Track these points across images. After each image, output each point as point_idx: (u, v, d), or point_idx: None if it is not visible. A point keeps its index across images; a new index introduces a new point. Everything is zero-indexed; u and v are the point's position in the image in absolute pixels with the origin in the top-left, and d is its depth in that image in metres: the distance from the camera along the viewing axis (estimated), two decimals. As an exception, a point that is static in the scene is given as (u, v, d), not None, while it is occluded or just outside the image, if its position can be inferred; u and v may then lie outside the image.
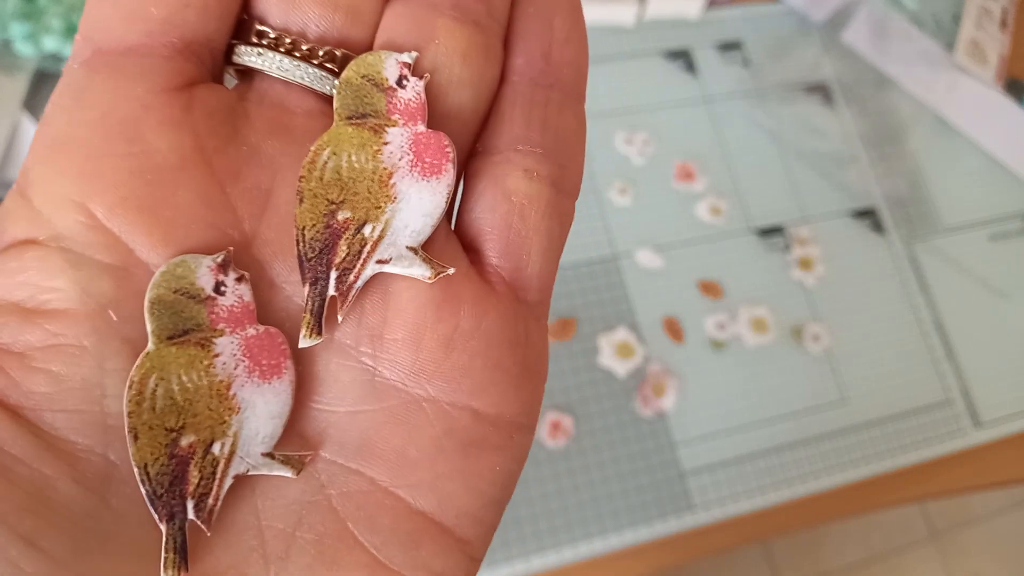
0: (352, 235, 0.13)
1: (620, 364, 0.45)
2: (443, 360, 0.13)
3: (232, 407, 0.12)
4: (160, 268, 0.12)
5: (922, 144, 0.55)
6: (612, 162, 0.50)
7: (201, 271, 0.12)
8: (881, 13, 0.56)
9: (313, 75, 0.13)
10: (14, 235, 0.12)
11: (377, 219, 0.13)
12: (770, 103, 0.53)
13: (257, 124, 0.13)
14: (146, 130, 0.12)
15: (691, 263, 0.48)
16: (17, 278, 0.12)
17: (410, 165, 0.13)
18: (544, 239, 0.14)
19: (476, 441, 0.13)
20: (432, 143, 0.13)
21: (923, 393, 0.49)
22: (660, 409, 0.45)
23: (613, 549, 0.42)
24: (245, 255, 0.12)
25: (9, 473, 0.11)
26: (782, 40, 0.56)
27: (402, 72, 0.13)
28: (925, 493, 0.47)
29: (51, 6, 0.39)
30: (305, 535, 0.12)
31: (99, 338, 0.11)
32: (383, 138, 0.13)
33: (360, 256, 0.13)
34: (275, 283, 0.13)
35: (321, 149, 0.13)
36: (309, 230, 0.12)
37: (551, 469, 0.43)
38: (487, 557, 0.41)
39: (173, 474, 0.12)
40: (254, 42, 0.13)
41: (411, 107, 0.13)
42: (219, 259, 0.12)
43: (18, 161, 0.39)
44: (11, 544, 0.10)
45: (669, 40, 0.54)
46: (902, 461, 0.47)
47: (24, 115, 0.39)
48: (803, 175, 0.52)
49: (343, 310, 0.13)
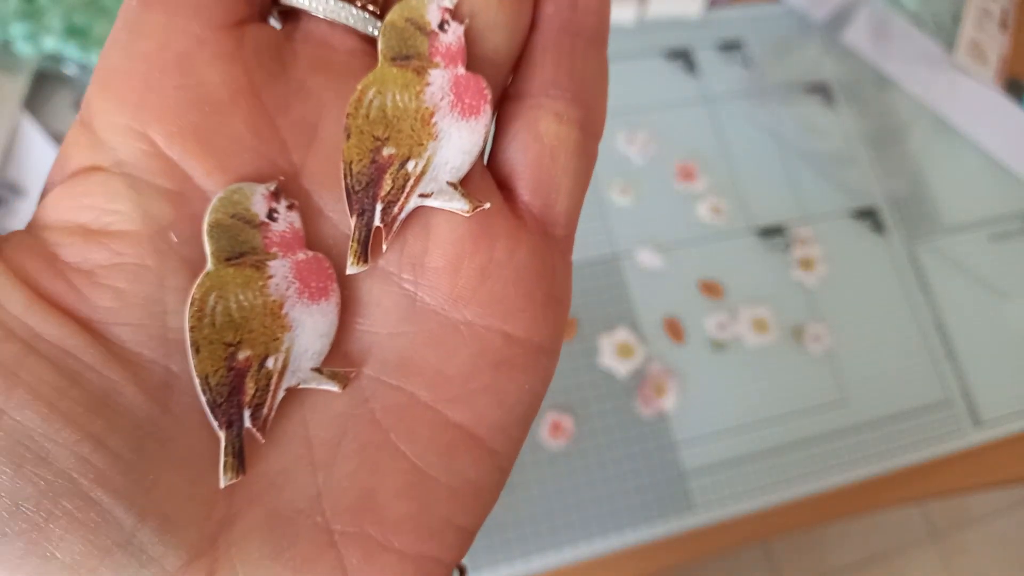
0: (396, 170, 0.13)
1: (620, 364, 0.45)
2: (479, 287, 0.14)
3: (284, 325, 0.13)
4: (217, 194, 0.13)
5: (922, 144, 0.55)
6: (613, 162, 0.50)
7: (256, 198, 0.13)
8: (881, 13, 0.56)
9: (357, 16, 0.14)
10: (79, 162, 0.13)
11: (420, 155, 0.14)
12: (771, 103, 0.53)
13: (304, 61, 0.14)
14: (200, 63, 0.13)
15: (692, 263, 0.48)
16: (83, 202, 0.12)
17: (451, 105, 0.14)
18: (572, 179, 0.15)
19: (506, 361, 0.14)
20: (471, 85, 0.14)
21: (923, 393, 0.49)
22: (660, 409, 0.45)
23: (613, 549, 0.42)
24: (294, 185, 0.13)
25: (79, 378, 0.12)
26: (783, 40, 0.56)
27: (443, 16, 0.14)
28: (925, 493, 0.47)
29: (51, 6, 0.39)
30: (350, 444, 0.13)
31: (160, 258, 0.12)
32: (425, 79, 0.14)
33: (404, 190, 0.13)
34: (323, 212, 0.14)
35: (367, 88, 0.13)
36: (356, 164, 0.13)
37: (551, 469, 0.43)
38: (487, 557, 0.41)
39: (231, 385, 0.13)
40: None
41: (452, 50, 0.14)
42: (272, 187, 0.13)
43: (18, 161, 0.39)
44: (82, 441, 0.11)
45: (669, 40, 0.54)
46: (902, 461, 0.47)
47: (24, 115, 0.39)
48: (804, 175, 0.52)
49: (387, 240, 0.13)
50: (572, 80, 0.15)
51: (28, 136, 0.39)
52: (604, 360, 0.45)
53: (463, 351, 0.14)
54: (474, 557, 0.41)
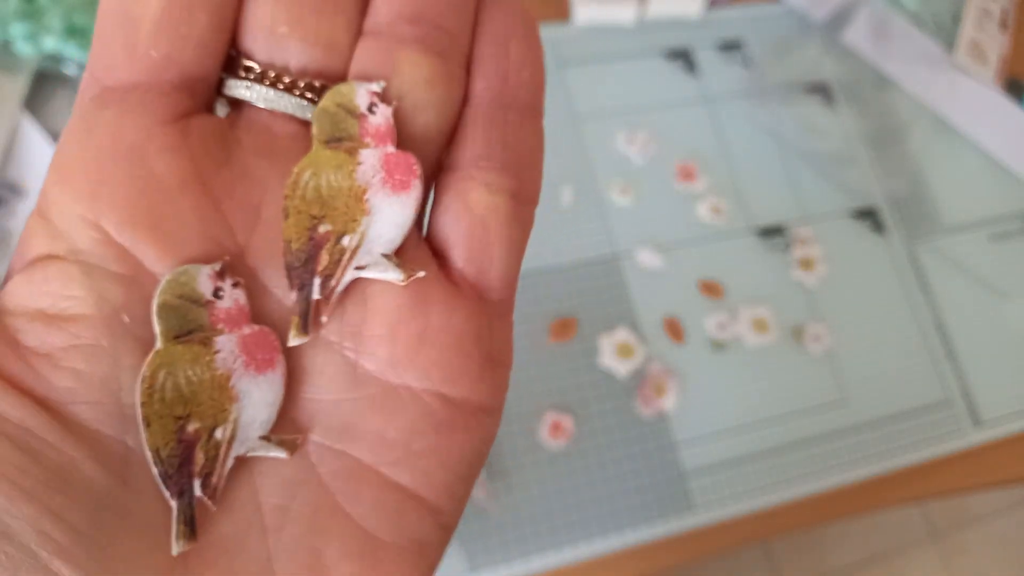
0: (333, 245, 0.14)
1: (620, 364, 0.45)
2: (417, 352, 0.14)
3: (232, 397, 0.14)
4: (165, 276, 0.13)
5: (922, 144, 0.55)
6: (613, 162, 0.50)
7: (201, 278, 0.14)
8: (881, 13, 0.56)
9: (295, 104, 0.15)
10: (38, 251, 0.14)
11: (354, 231, 0.15)
12: (771, 103, 0.53)
13: (247, 147, 0.15)
14: (149, 155, 0.14)
15: (692, 263, 0.48)
16: (42, 288, 0.13)
17: (381, 182, 0.15)
18: (504, 245, 0.15)
19: (447, 423, 0.15)
20: (401, 162, 0.15)
21: (923, 393, 0.49)
22: (660, 409, 0.45)
23: (613, 549, 0.42)
24: (240, 264, 0.14)
25: (40, 456, 0.12)
26: (782, 40, 0.56)
27: (372, 100, 0.15)
28: (925, 493, 0.47)
29: (51, 6, 0.39)
30: (299, 508, 0.14)
31: (114, 339, 0.13)
32: (357, 159, 0.15)
33: (340, 263, 0.14)
34: (267, 288, 0.14)
35: (303, 170, 0.14)
36: (295, 242, 0.14)
37: (551, 469, 0.43)
38: (487, 556, 0.41)
39: (182, 456, 0.13)
40: (242, 76, 0.15)
41: (381, 131, 0.15)
42: (217, 268, 0.14)
43: (18, 161, 0.39)
44: (42, 517, 0.12)
45: (669, 40, 0.54)
46: (902, 461, 0.47)
47: (24, 115, 0.39)
48: (804, 175, 0.52)
49: (327, 311, 0.14)
50: (504, 151, 0.16)
51: (28, 136, 0.39)
52: (604, 360, 0.45)
53: (404, 415, 0.14)
54: (474, 557, 0.41)
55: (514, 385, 0.44)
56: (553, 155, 0.49)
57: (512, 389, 0.47)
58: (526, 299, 0.46)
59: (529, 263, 0.46)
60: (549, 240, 0.47)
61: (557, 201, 0.48)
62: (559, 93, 0.51)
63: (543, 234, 0.47)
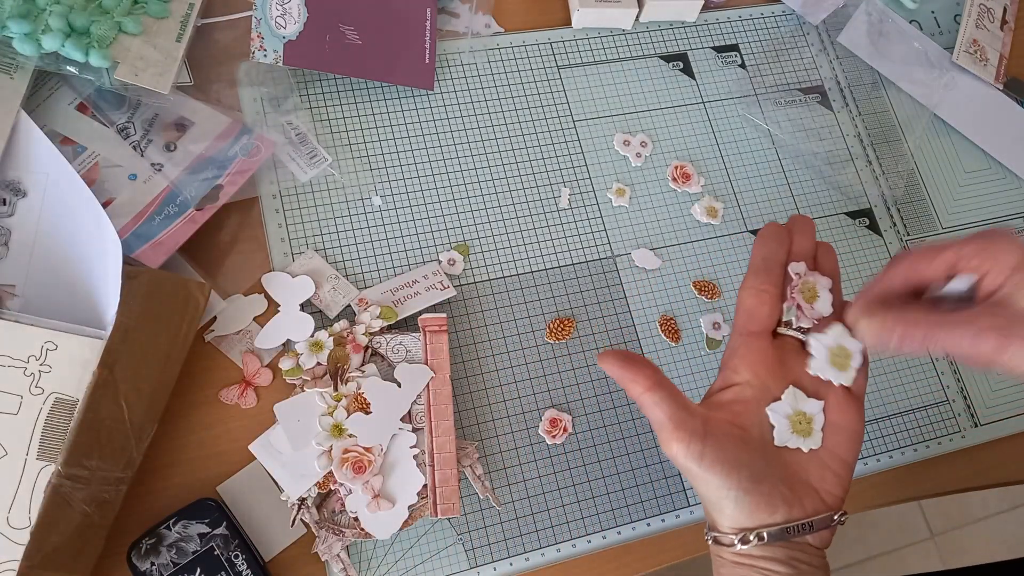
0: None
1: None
2: None
3: None
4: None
5: (920, 144, 0.55)
6: (610, 163, 0.50)
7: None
8: (879, 13, 0.56)
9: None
10: None
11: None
12: (767, 104, 0.53)
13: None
14: None
15: (687, 263, 0.48)
16: None
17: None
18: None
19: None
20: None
21: (923, 393, 0.49)
22: (657, 409, 0.45)
23: (612, 545, 0.42)
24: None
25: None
26: (779, 42, 0.56)
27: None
28: (924, 493, 0.47)
29: (51, 6, 0.39)
30: None
31: None
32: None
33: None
34: None
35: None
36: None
37: (550, 468, 0.43)
38: (487, 555, 0.41)
39: None
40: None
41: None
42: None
43: (18, 161, 0.39)
44: None
45: (667, 42, 0.54)
46: (901, 460, 0.47)
47: (24, 115, 0.39)
48: (800, 176, 0.52)
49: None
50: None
51: (28, 136, 0.39)
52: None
53: None
54: (473, 557, 0.41)
55: (513, 384, 0.44)
56: (551, 157, 0.49)
57: (511, 388, 0.47)
58: (524, 299, 0.46)
59: (527, 264, 0.47)
60: (547, 241, 0.47)
61: (555, 202, 0.48)
62: (557, 96, 0.51)
63: (541, 235, 0.47)
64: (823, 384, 0.34)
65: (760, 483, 0.31)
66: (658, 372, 0.33)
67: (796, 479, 0.32)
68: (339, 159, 0.46)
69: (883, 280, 0.33)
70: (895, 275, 0.33)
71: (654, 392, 0.32)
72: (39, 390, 0.34)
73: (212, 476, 0.40)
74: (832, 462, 0.33)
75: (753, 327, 0.34)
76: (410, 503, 0.39)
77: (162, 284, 0.37)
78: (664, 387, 0.32)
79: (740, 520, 0.31)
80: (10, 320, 0.35)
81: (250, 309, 0.42)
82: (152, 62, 0.41)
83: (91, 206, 0.37)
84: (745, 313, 0.35)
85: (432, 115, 0.49)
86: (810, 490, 0.32)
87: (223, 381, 0.41)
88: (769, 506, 0.31)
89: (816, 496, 0.32)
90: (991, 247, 0.31)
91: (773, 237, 0.36)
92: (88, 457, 0.34)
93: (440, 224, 0.46)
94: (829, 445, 0.33)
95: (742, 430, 0.32)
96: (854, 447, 0.33)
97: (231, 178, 0.42)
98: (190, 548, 0.37)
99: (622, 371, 0.33)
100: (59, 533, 0.34)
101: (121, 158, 0.42)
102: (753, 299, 0.34)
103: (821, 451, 0.33)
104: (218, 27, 0.46)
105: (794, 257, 0.36)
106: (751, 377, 0.33)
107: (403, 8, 0.48)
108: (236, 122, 0.43)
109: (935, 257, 0.32)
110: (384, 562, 0.40)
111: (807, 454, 0.33)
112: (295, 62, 0.44)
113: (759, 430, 0.33)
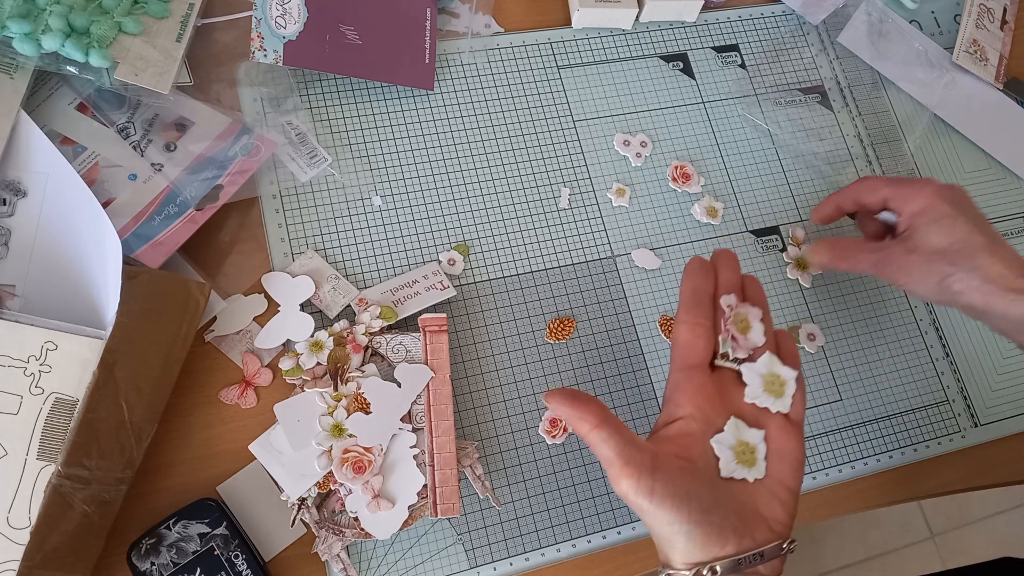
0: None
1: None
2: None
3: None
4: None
5: (920, 144, 0.55)
6: (610, 163, 0.50)
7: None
8: (879, 14, 0.56)
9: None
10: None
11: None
12: (767, 104, 0.53)
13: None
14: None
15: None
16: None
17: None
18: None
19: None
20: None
21: (923, 393, 0.49)
22: (659, 407, 0.45)
23: (612, 545, 0.42)
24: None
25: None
26: (779, 42, 0.56)
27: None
28: (924, 493, 0.47)
29: (51, 6, 0.39)
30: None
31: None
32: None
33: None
34: None
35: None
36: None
37: (550, 468, 0.43)
38: (487, 555, 0.41)
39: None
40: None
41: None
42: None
43: (18, 161, 0.39)
44: None
45: (667, 42, 0.54)
46: (901, 460, 0.47)
47: (24, 115, 0.39)
48: (800, 176, 0.52)
49: None
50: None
51: (28, 136, 0.39)
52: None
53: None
54: (473, 557, 0.41)
55: (513, 384, 0.44)
56: (551, 157, 0.49)
57: (511, 388, 0.47)
58: (524, 299, 0.46)
59: (527, 264, 0.47)
60: (547, 241, 0.47)
61: (555, 202, 0.48)
62: (557, 96, 0.51)
63: (541, 235, 0.47)
64: (763, 413, 0.35)
65: (710, 514, 0.31)
66: (605, 409, 0.33)
67: (744, 509, 0.32)
68: (339, 159, 0.46)
69: (838, 196, 0.46)
70: (846, 197, 0.45)
71: (601, 429, 0.32)
72: (39, 390, 0.34)
73: (212, 476, 0.40)
74: (778, 490, 0.33)
75: (691, 360, 0.35)
76: (410, 503, 0.39)
77: (162, 284, 0.37)
78: (611, 424, 0.33)
79: (692, 554, 0.31)
80: (10, 320, 0.35)
81: (250, 309, 0.42)
82: (152, 62, 0.41)
83: (91, 206, 0.37)
84: (682, 348, 0.35)
85: (432, 115, 0.49)
86: (759, 519, 0.32)
87: (223, 381, 0.41)
88: (720, 538, 0.31)
89: (765, 525, 0.32)
90: (908, 192, 0.42)
91: (699, 271, 0.37)
92: (88, 457, 0.34)
93: (440, 224, 0.46)
94: (773, 473, 0.34)
95: (689, 463, 0.33)
96: (797, 474, 0.34)
97: (231, 178, 0.42)
98: (190, 548, 0.37)
99: (569, 409, 0.33)
100: (59, 533, 0.34)
101: (121, 158, 0.42)
102: (688, 333, 0.35)
103: (766, 480, 0.33)
104: (218, 27, 0.46)
105: (722, 290, 0.37)
106: (694, 410, 0.34)
107: (403, 8, 0.48)
108: (236, 122, 0.44)
109: (874, 193, 0.43)
110: (384, 562, 0.40)
111: (753, 484, 0.33)
112: (295, 62, 0.44)
113: (705, 462, 0.33)
